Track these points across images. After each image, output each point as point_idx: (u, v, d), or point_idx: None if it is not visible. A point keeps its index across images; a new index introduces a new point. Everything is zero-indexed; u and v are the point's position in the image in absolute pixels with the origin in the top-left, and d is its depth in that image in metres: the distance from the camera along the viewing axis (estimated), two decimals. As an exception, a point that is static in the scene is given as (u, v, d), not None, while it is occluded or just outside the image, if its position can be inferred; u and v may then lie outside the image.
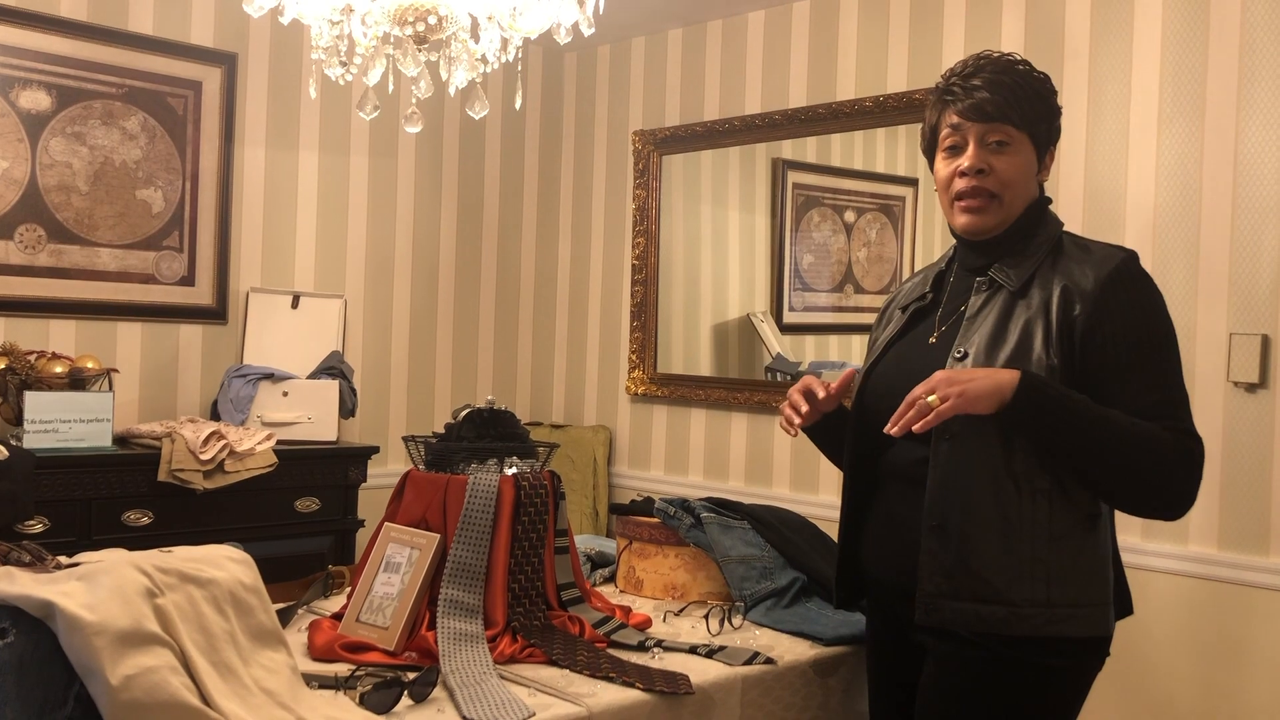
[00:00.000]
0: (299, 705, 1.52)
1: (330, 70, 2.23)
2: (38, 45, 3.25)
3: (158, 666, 1.38)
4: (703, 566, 2.29)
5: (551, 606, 1.98)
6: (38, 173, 3.27)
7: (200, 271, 3.59)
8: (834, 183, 3.72)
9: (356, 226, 3.97)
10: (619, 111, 4.28)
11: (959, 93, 1.76)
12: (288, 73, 3.76)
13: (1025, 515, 1.67)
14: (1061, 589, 1.67)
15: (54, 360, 3.12)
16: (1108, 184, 2.99)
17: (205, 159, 3.58)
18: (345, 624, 1.90)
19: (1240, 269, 2.76)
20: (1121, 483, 1.68)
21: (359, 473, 3.50)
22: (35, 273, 3.27)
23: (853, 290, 3.68)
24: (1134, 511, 1.75)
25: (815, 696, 2.00)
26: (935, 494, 1.71)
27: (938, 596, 1.69)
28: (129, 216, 3.44)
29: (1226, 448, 2.76)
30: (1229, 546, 2.77)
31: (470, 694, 1.65)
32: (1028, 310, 1.72)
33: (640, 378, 4.13)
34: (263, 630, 1.56)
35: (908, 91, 3.38)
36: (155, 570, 1.48)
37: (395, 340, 4.10)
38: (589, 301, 4.38)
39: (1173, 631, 2.85)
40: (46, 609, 1.37)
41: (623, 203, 4.26)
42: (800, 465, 3.65)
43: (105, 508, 3.01)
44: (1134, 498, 1.71)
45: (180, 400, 3.56)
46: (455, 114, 4.18)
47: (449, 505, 1.93)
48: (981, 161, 1.75)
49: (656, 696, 1.74)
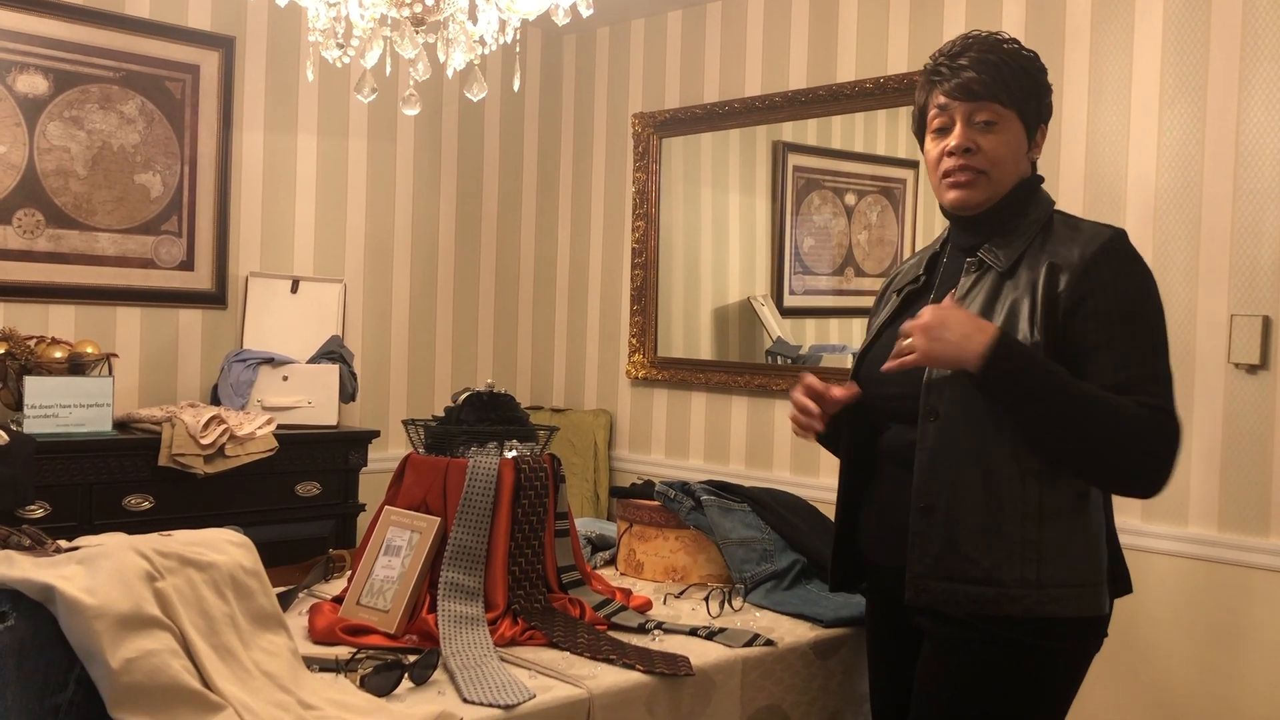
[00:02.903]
0: (300, 688, 1.52)
1: (328, 53, 2.22)
2: (34, 29, 3.24)
3: (158, 650, 1.38)
4: (703, 549, 2.29)
5: (552, 589, 1.98)
6: (35, 157, 3.26)
7: (199, 256, 3.59)
8: (834, 165, 3.71)
9: (355, 210, 3.97)
10: (618, 94, 4.27)
11: (945, 73, 1.76)
12: (285, 56, 3.75)
13: (1014, 495, 1.66)
14: (1052, 569, 1.66)
15: (54, 345, 3.12)
16: (1109, 165, 2.98)
17: (203, 143, 3.57)
18: (346, 607, 1.90)
19: (1241, 250, 2.75)
20: (1091, 455, 1.65)
21: (359, 457, 3.51)
22: (34, 258, 3.27)
23: (853, 273, 3.67)
24: (1106, 487, 1.73)
25: (815, 678, 2.01)
26: (923, 475, 1.71)
27: (927, 577, 1.70)
28: (127, 201, 3.43)
29: (1227, 429, 2.76)
30: (1229, 528, 2.77)
31: (471, 676, 1.65)
32: (1015, 290, 1.71)
33: (640, 361, 4.13)
34: (263, 613, 1.57)
35: (908, 73, 3.36)
36: (155, 554, 1.48)
37: (395, 324, 4.10)
38: (589, 285, 4.37)
39: (1172, 613, 2.85)
40: (47, 593, 1.37)
41: (622, 186, 4.25)
42: (800, 449, 3.65)
43: (106, 492, 3.02)
44: (1104, 472, 1.68)
45: (180, 385, 3.56)
46: (454, 96, 4.17)
47: (449, 488, 1.94)
48: (968, 140, 1.74)
49: (657, 678, 1.74)
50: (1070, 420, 1.62)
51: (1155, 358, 1.68)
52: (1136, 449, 1.63)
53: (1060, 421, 1.63)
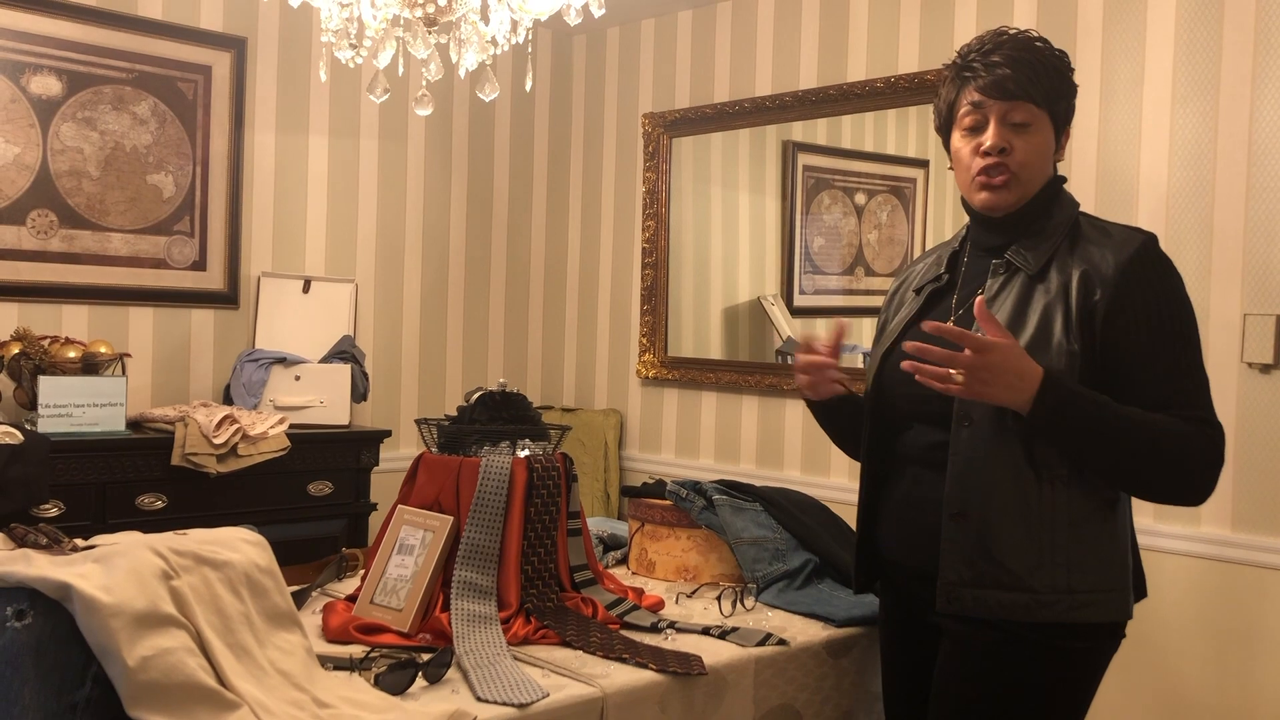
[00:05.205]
0: (314, 686, 1.52)
1: (340, 53, 2.22)
2: (48, 30, 3.25)
3: (174, 648, 1.39)
4: (715, 548, 2.29)
5: (564, 588, 1.99)
6: (49, 158, 3.27)
7: (211, 256, 3.60)
8: (844, 165, 3.70)
9: (367, 210, 3.98)
10: (629, 94, 4.27)
11: (979, 69, 1.74)
12: (297, 57, 3.76)
13: (1045, 502, 1.66)
14: (1082, 575, 1.66)
15: (67, 345, 3.13)
16: (1121, 163, 2.97)
17: (215, 143, 3.58)
18: (359, 606, 1.90)
19: (1254, 249, 2.74)
20: (1147, 481, 1.68)
21: (371, 456, 3.51)
22: (47, 258, 3.28)
23: (864, 273, 3.67)
24: (1157, 501, 1.75)
25: (828, 677, 2.01)
26: (956, 481, 1.70)
27: (960, 585, 1.69)
28: (140, 202, 3.45)
29: (1240, 429, 2.75)
30: (1242, 528, 2.76)
31: (484, 675, 1.65)
32: (1046, 294, 1.70)
33: (651, 361, 4.13)
34: (278, 612, 1.57)
35: (919, 72, 3.36)
36: (171, 552, 1.49)
37: (406, 324, 4.11)
38: (599, 285, 4.38)
39: (1186, 613, 2.84)
40: (64, 591, 1.38)
41: (633, 185, 4.25)
42: (811, 448, 3.65)
43: (119, 491, 3.03)
44: (1158, 493, 1.71)
45: (193, 385, 3.57)
46: (465, 97, 4.17)
47: (462, 487, 1.94)
48: (1004, 140, 1.72)
49: (670, 677, 1.75)
50: (1121, 450, 1.63)
51: (1194, 368, 1.69)
52: (1186, 466, 1.65)
53: (1111, 452, 1.63)
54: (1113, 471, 1.67)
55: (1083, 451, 1.65)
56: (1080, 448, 1.65)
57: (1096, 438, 1.62)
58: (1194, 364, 1.69)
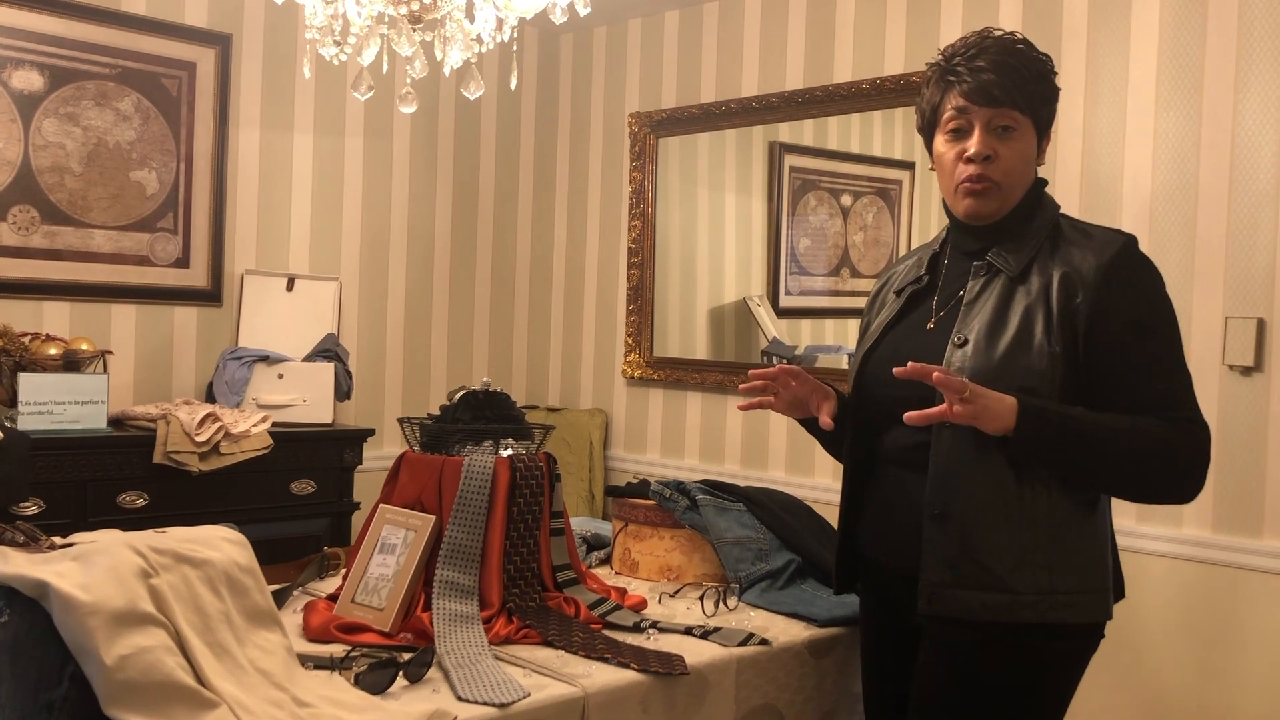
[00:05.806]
0: (294, 685, 1.52)
1: (325, 50, 2.22)
2: (30, 25, 3.23)
3: (152, 647, 1.38)
4: (698, 548, 2.29)
5: (547, 588, 1.98)
6: (31, 154, 3.25)
7: (195, 253, 3.58)
8: (831, 166, 3.71)
9: (351, 208, 3.96)
10: (615, 93, 4.27)
11: (964, 73, 1.73)
12: (282, 53, 3.74)
13: (1026, 503, 1.67)
14: (1063, 577, 1.67)
15: (48, 342, 3.11)
16: (1105, 166, 2.98)
17: (199, 140, 3.57)
18: (341, 605, 1.90)
19: (1236, 252, 2.76)
20: (1135, 487, 1.72)
21: (354, 455, 3.50)
22: (29, 254, 3.26)
23: (849, 274, 3.67)
24: (1147, 503, 1.78)
25: (810, 677, 2.01)
26: (937, 481, 1.70)
27: (940, 586, 1.69)
28: (123, 198, 3.43)
29: (1221, 431, 2.76)
30: (1223, 529, 2.78)
31: (465, 674, 1.65)
32: (1027, 296, 1.70)
33: (636, 361, 4.13)
34: (258, 611, 1.56)
35: (905, 74, 3.36)
36: (150, 551, 1.48)
37: (390, 323, 4.09)
38: (585, 284, 4.37)
39: (1166, 614, 2.86)
40: (41, 589, 1.37)
41: (619, 185, 4.25)
42: (796, 448, 3.65)
43: (100, 489, 3.01)
44: (1148, 496, 1.76)
45: (175, 382, 3.55)
46: (450, 95, 4.16)
47: (444, 487, 1.93)
48: (988, 148, 1.72)
49: (651, 677, 1.74)
50: (1106, 461, 1.65)
51: (1177, 369, 1.70)
52: (1173, 468, 1.67)
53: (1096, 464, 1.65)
54: (1102, 481, 1.70)
55: (1070, 468, 1.66)
56: (1065, 465, 1.66)
57: (1083, 452, 1.64)
58: (1177, 364, 1.70)
